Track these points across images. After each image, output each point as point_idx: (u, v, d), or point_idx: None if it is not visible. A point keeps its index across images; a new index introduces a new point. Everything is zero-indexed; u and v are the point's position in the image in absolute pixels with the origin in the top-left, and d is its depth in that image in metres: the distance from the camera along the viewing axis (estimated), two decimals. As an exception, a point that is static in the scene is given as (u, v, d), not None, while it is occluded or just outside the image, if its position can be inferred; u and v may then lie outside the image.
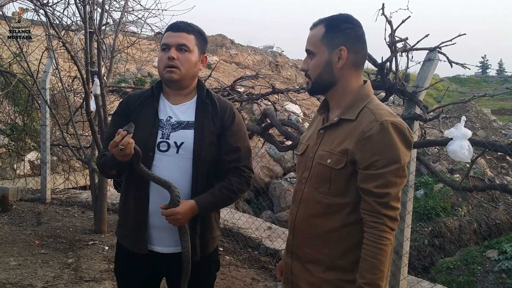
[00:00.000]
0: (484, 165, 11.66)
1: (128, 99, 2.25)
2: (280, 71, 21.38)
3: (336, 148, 1.73)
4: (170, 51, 2.10)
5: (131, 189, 2.16)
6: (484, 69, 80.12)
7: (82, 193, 7.62)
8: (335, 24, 1.77)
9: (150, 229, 2.14)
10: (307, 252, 1.83)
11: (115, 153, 1.94)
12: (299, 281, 1.86)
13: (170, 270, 2.22)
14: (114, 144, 1.91)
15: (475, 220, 10.12)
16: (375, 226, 1.64)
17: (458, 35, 3.48)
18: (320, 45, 1.77)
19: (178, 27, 2.14)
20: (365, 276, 1.63)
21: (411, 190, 3.66)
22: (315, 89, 1.85)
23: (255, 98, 5.41)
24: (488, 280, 7.21)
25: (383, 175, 1.64)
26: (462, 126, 3.20)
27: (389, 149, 1.65)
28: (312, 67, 1.80)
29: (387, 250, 1.64)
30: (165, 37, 2.15)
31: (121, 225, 2.24)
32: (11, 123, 8.42)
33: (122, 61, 8.26)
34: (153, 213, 2.11)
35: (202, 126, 2.14)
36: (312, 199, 1.80)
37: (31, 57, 6.52)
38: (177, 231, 2.09)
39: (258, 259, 4.90)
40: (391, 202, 1.65)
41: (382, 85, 3.65)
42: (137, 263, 2.18)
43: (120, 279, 2.33)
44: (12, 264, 4.26)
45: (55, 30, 5.04)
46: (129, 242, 2.18)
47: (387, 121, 1.66)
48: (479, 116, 15.10)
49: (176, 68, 2.10)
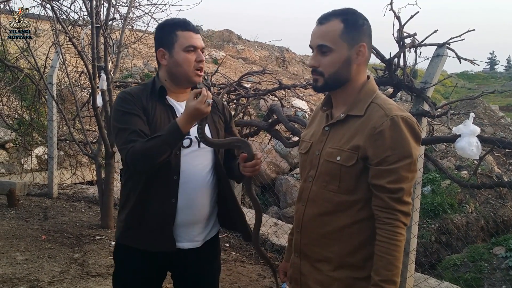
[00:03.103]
0: (492, 162, 11.59)
1: (133, 95, 2.12)
2: (287, 66, 21.31)
3: (346, 145, 1.71)
4: (199, 53, 2.10)
5: (156, 189, 2.07)
6: (492, 65, 79.64)
7: (89, 188, 7.65)
8: (353, 20, 1.74)
9: (177, 227, 2.10)
10: (316, 251, 1.81)
11: (205, 109, 1.87)
12: (309, 281, 1.84)
13: (186, 264, 2.20)
14: (203, 99, 1.86)
15: (482, 217, 10.06)
16: (389, 222, 1.62)
17: (467, 31, 3.45)
18: (339, 41, 1.72)
19: (195, 29, 2.14)
20: (381, 273, 1.62)
21: (418, 187, 3.64)
22: (328, 86, 1.79)
23: (262, 93, 5.40)
24: (495, 277, 7.17)
25: (396, 170, 1.62)
26: (470, 123, 3.17)
27: (401, 144, 1.63)
28: (328, 64, 1.74)
29: (401, 246, 1.63)
30: (186, 37, 2.10)
31: (135, 228, 2.12)
32: (19, 118, 8.46)
33: (129, 56, 8.28)
34: (182, 210, 2.08)
35: (213, 120, 2.21)
36: (321, 198, 1.78)
37: (38, 52, 6.53)
38: (201, 225, 2.16)
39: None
40: (404, 197, 1.63)
41: (390, 81, 3.63)
42: (147, 263, 2.14)
43: (125, 284, 2.22)
44: (19, 259, 4.28)
45: (62, 25, 5.05)
46: (152, 243, 2.09)
47: (398, 115, 1.65)
48: (487, 113, 15.00)
49: (203, 70, 2.15)
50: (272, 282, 4.29)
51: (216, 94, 5.25)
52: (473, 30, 3.48)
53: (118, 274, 2.23)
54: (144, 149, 1.93)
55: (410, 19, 3.46)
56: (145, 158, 1.95)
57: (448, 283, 4.31)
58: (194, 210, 2.11)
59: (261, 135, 6.59)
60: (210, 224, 2.24)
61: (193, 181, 2.10)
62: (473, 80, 46.55)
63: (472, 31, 3.48)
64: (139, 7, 5.83)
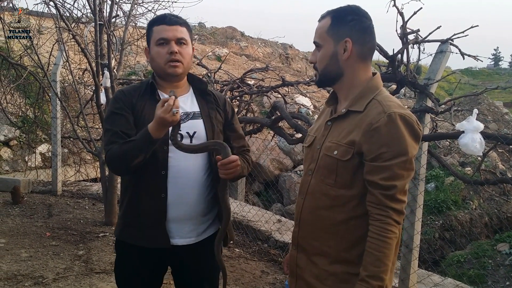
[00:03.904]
0: (495, 158, 11.57)
1: (124, 94, 2.16)
2: (290, 63, 21.29)
3: (343, 140, 1.72)
4: (171, 45, 2.09)
5: (146, 185, 2.09)
6: (497, 61, 79.36)
7: (92, 185, 7.66)
8: (341, 16, 1.77)
9: (169, 223, 2.11)
10: (313, 244, 1.82)
11: (169, 118, 1.87)
12: (304, 274, 1.85)
13: (183, 261, 2.21)
14: (168, 108, 1.86)
15: (486, 213, 10.05)
16: (380, 218, 1.63)
17: (470, 27, 3.44)
18: (326, 37, 1.77)
19: (171, 21, 2.12)
20: (368, 269, 1.62)
21: (422, 184, 3.63)
22: (322, 81, 1.86)
23: (265, 90, 5.40)
24: (499, 273, 7.18)
25: (390, 167, 1.62)
26: (474, 119, 3.17)
27: (397, 141, 1.63)
28: (319, 59, 1.80)
29: (391, 243, 1.63)
30: (159, 30, 2.12)
31: (131, 225, 2.15)
32: (22, 116, 8.48)
33: (132, 53, 8.28)
34: (172, 205, 2.09)
35: (209, 116, 2.19)
36: (319, 191, 1.79)
37: (41, 50, 6.54)
38: (194, 222, 2.13)
39: (268, 252, 4.90)
40: (397, 194, 1.63)
41: (393, 78, 3.63)
42: (145, 259, 2.16)
43: (125, 278, 2.26)
44: (23, 256, 4.30)
45: (65, 23, 5.06)
46: (147, 240, 2.11)
47: (395, 113, 1.65)
48: (491, 109, 14.97)
49: (179, 62, 2.10)
50: (275, 279, 4.30)
51: (219, 91, 5.25)
52: (476, 26, 3.47)
53: (119, 269, 2.27)
54: (118, 153, 2.00)
55: (413, 15, 3.46)
56: (119, 161, 2.03)
57: (451, 279, 4.30)
58: (185, 206, 2.11)
59: (264, 132, 6.60)
60: (207, 221, 2.21)
61: (184, 177, 2.09)
62: (477, 76, 46.40)
63: (475, 27, 3.48)
64: (142, 4, 5.82)
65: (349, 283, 1.72)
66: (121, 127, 2.05)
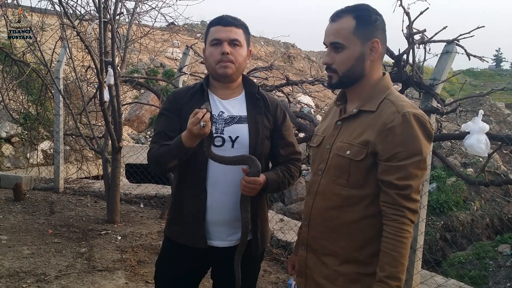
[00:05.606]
0: (498, 160, 11.56)
1: (174, 96, 2.24)
2: (292, 62, 21.30)
3: (356, 140, 1.71)
4: (223, 46, 2.10)
5: (187, 185, 2.14)
6: (498, 62, 79.23)
7: (95, 182, 7.66)
8: (366, 16, 1.74)
9: (208, 225, 2.14)
10: (323, 244, 1.82)
11: (195, 131, 1.87)
12: (314, 274, 1.84)
13: (222, 263, 2.22)
14: (195, 121, 1.85)
15: (487, 214, 10.04)
16: (395, 218, 1.62)
17: (476, 28, 3.43)
18: (352, 37, 1.73)
19: (227, 22, 2.13)
20: (386, 269, 1.62)
21: (426, 184, 3.62)
22: (343, 83, 1.80)
23: (269, 89, 5.38)
24: (500, 274, 7.17)
25: (405, 167, 1.62)
26: (479, 120, 3.16)
27: (411, 141, 1.63)
28: (341, 61, 1.75)
29: (407, 243, 1.63)
30: (213, 31, 2.14)
31: (175, 223, 2.22)
32: (25, 112, 8.47)
33: (135, 51, 8.27)
34: (211, 208, 2.12)
35: (255, 121, 2.17)
36: (330, 191, 1.78)
37: (44, 47, 6.53)
38: (232, 226, 2.14)
39: (270, 251, 4.89)
40: (412, 194, 1.63)
41: (399, 78, 3.62)
42: (185, 256, 2.19)
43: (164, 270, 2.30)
44: (25, 253, 4.29)
45: (69, 20, 5.05)
46: (187, 239, 2.16)
47: (409, 112, 1.64)
48: (493, 110, 14.97)
49: (230, 62, 2.11)
50: (278, 278, 4.29)
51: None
52: (482, 26, 3.46)
53: (160, 263, 2.33)
54: (155, 154, 2.09)
55: (419, 15, 3.44)
56: (155, 163, 2.12)
57: (454, 280, 4.30)
58: (223, 210, 2.12)
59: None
60: None
61: (223, 180, 2.11)
62: (479, 77, 46.34)
63: (481, 28, 3.47)
64: (146, 2, 5.82)
65: (359, 283, 1.72)
66: (165, 128, 2.14)
